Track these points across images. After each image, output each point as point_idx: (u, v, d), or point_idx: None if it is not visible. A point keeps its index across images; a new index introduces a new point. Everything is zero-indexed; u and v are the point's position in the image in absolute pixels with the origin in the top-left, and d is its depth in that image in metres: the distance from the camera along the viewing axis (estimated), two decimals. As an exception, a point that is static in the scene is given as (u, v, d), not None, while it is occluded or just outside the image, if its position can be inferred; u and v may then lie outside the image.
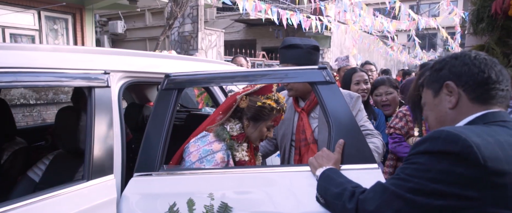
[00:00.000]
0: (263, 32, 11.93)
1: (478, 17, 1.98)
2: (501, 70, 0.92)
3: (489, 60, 0.94)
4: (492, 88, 0.90)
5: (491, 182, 0.74)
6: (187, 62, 2.03)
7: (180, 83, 1.42)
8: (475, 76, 0.91)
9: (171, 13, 6.45)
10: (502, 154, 0.76)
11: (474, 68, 0.92)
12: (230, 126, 1.52)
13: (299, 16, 6.92)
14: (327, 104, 1.31)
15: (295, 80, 1.40)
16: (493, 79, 0.90)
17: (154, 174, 1.35)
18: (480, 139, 0.78)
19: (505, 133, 0.82)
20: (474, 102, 0.91)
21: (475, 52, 0.97)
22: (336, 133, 1.27)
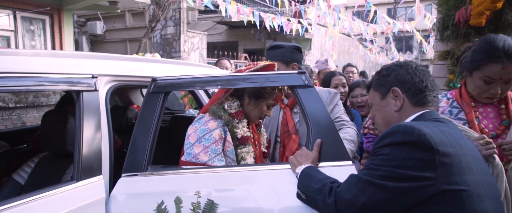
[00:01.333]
0: (245, 34, 12.03)
1: (444, 25, 2.14)
2: (433, 80, 1.13)
3: (426, 72, 1.14)
4: (428, 95, 1.10)
5: (442, 162, 0.89)
6: (172, 66, 2.08)
7: (166, 87, 1.48)
8: (416, 85, 1.10)
9: (153, 16, 6.44)
10: (446, 139, 0.93)
11: (416, 77, 1.11)
12: (228, 104, 1.57)
13: (281, 19, 7.05)
14: (306, 107, 1.41)
15: (276, 84, 1.49)
16: (429, 88, 1.11)
17: (141, 174, 1.40)
18: (429, 129, 0.94)
19: (442, 125, 1.00)
20: (414, 105, 1.10)
21: (415, 64, 1.16)
22: (314, 133, 1.37)
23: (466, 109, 1.42)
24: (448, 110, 1.48)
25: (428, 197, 0.89)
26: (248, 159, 1.50)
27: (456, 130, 1.03)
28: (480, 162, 1.00)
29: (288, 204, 1.28)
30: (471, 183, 0.91)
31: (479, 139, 1.28)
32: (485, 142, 1.27)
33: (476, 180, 0.93)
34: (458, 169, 0.91)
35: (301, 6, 6.71)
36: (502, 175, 1.25)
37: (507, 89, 1.35)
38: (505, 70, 1.27)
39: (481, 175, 0.96)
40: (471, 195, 0.90)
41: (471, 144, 1.03)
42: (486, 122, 1.40)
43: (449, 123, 1.07)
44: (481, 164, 0.99)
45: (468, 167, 0.93)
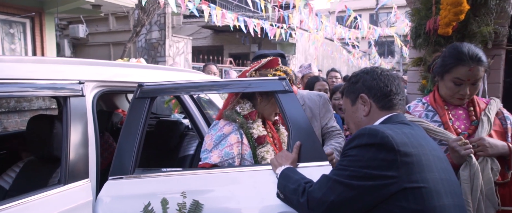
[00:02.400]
0: (230, 38, 12.10)
1: (416, 34, 2.27)
2: (398, 84, 1.19)
3: (391, 76, 1.20)
4: (393, 98, 1.17)
5: (403, 161, 0.96)
6: (157, 71, 2.13)
7: (152, 92, 1.54)
8: (381, 89, 1.17)
9: (138, 20, 6.42)
10: (408, 140, 1.01)
11: (381, 82, 1.18)
12: (240, 106, 1.56)
13: (265, 25, 7.17)
14: (286, 111, 1.49)
15: (258, 89, 1.56)
16: (394, 92, 1.17)
17: (128, 177, 1.45)
18: (392, 131, 1.02)
19: (405, 127, 1.08)
20: (381, 109, 1.17)
21: (381, 69, 1.23)
22: (294, 135, 1.45)
23: (440, 112, 1.54)
24: (424, 114, 1.58)
25: (391, 194, 0.95)
26: (269, 158, 1.48)
27: (419, 131, 1.11)
28: (441, 160, 1.07)
29: (270, 203, 1.36)
30: (431, 180, 0.98)
31: (457, 141, 1.40)
32: (463, 143, 1.39)
33: (436, 177, 0.99)
34: (418, 168, 0.98)
35: (285, 11, 6.84)
36: (479, 173, 1.36)
37: (474, 91, 1.48)
38: (472, 72, 1.42)
39: (441, 172, 1.02)
40: (430, 192, 0.96)
41: (433, 144, 1.11)
42: (458, 123, 1.52)
43: (413, 125, 1.13)
44: (442, 162, 1.06)
45: (427, 165, 1.00)
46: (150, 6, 6.19)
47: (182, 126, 2.88)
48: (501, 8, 2.06)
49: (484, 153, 1.40)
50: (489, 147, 1.39)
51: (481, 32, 2.06)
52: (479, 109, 1.53)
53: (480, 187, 1.36)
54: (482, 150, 1.40)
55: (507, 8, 2.07)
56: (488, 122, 1.47)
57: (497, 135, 1.48)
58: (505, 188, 1.41)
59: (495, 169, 1.40)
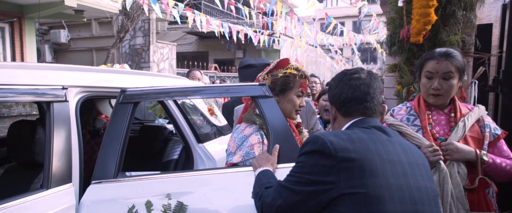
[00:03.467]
0: (215, 44, 12.15)
1: (391, 42, 2.39)
2: (362, 89, 1.15)
3: (355, 80, 1.17)
4: (352, 106, 1.16)
5: (343, 167, 0.98)
6: (141, 77, 2.16)
7: (135, 97, 1.57)
8: (340, 97, 1.18)
9: (122, 26, 6.38)
10: (351, 146, 1.01)
11: (339, 89, 1.19)
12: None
13: (249, 31, 7.26)
14: (266, 115, 1.55)
15: (240, 94, 1.62)
16: (352, 98, 1.16)
17: (111, 181, 1.47)
18: (335, 138, 1.03)
19: (361, 132, 1.08)
20: (343, 116, 1.19)
21: (350, 72, 1.21)
22: (274, 138, 1.51)
23: (421, 116, 1.61)
24: (406, 117, 1.66)
25: (332, 199, 0.98)
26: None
27: (373, 135, 1.07)
28: (401, 165, 1.03)
29: (244, 203, 1.41)
30: (372, 186, 0.96)
31: (428, 147, 1.47)
32: (433, 149, 1.46)
33: (380, 182, 0.97)
34: (359, 173, 0.97)
35: (268, 18, 6.96)
36: (448, 178, 1.43)
37: (447, 87, 1.54)
38: (439, 65, 1.52)
39: (395, 177, 1.00)
40: (369, 197, 0.95)
41: (391, 148, 1.06)
42: (438, 128, 1.59)
43: (372, 130, 1.10)
44: (401, 167, 1.03)
45: (371, 170, 0.98)
46: (134, 12, 6.18)
47: (166, 131, 2.91)
48: (467, 19, 2.20)
49: (450, 157, 1.47)
50: (455, 151, 1.46)
51: (450, 41, 2.19)
52: (460, 115, 1.58)
53: (450, 191, 1.42)
54: (448, 154, 1.47)
55: (473, 19, 2.22)
56: (463, 128, 1.52)
57: (474, 141, 1.53)
58: (473, 193, 1.47)
59: (462, 172, 1.46)
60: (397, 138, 1.13)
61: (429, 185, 1.07)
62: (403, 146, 1.10)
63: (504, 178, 1.51)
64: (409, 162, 1.06)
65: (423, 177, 1.06)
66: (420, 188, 1.03)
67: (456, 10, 2.16)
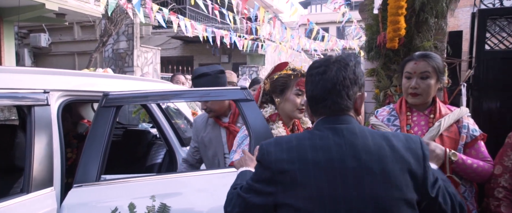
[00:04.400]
0: (201, 49, 12.14)
1: (369, 47, 2.49)
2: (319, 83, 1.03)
3: (321, 75, 1.03)
4: (315, 105, 1.06)
5: (279, 179, 0.97)
6: (124, 81, 2.17)
7: (118, 101, 1.59)
8: (307, 94, 1.09)
9: (105, 31, 6.31)
10: (287, 156, 0.97)
11: (307, 86, 1.09)
12: (264, 110, 1.66)
13: (233, 36, 7.33)
14: (248, 118, 1.60)
15: (221, 98, 1.67)
16: (315, 97, 1.05)
17: (93, 184, 1.48)
18: (275, 147, 1.00)
19: (313, 137, 1.00)
20: (313, 114, 1.10)
21: (309, 67, 1.09)
22: (255, 140, 1.56)
23: (401, 117, 1.69)
24: (387, 118, 1.73)
25: (275, 209, 0.99)
26: None
27: (319, 141, 0.99)
28: (336, 174, 0.95)
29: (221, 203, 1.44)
30: (301, 198, 0.95)
31: None
32: None
33: (310, 194, 0.94)
34: (291, 185, 0.96)
35: (253, 24, 7.05)
36: None
37: (425, 86, 1.59)
38: (417, 65, 1.60)
39: (326, 188, 0.94)
40: (298, 210, 0.94)
41: (336, 154, 0.97)
42: (416, 128, 1.65)
43: (323, 132, 1.01)
44: (337, 176, 0.95)
45: (303, 182, 0.94)
46: (117, 16, 6.13)
47: (149, 135, 2.91)
48: (439, 26, 2.32)
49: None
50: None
51: (423, 47, 2.30)
52: (439, 116, 1.62)
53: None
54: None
55: (444, 26, 2.34)
56: (437, 128, 1.57)
57: (450, 141, 1.57)
58: None
59: None
60: (355, 140, 0.98)
61: (382, 194, 0.94)
62: (357, 150, 0.97)
63: (476, 179, 1.56)
64: (357, 169, 0.95)
65: (373, 186, 0.94)
66: (364, 199, 0.93)
67: (429, 17, 2.28)
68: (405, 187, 0.96)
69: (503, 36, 2.40)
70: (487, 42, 2.40)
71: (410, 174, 0.97)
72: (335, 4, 6.57)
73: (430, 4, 2.27)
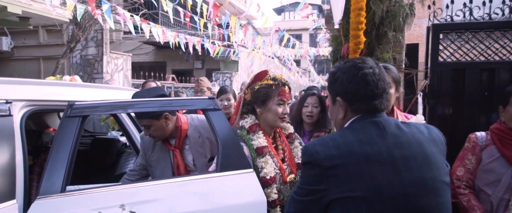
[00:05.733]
0: (173, 54, 12.03)
1: (334, 57, 2.63)
2: (377, 84, 1.10)
3: (370, 76, 1.10)
4: (366, 102, 1.11)
5: (330, 174, 1.03)
6: (90, 90, 2.15)
7: (83, 111, 1.58)
8: (356, 94, 1.11)
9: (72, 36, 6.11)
10: (336, 152, 1.03)
11: (356, 86, 1.10)
12: (244, 121, 1.65)
13: (206, 43, 7.34)
14: (215, 126, 1.65)
15: (189, 108, 1.70)
16: (368, 95, 1.10)
17: (58, 196, 1.46)
18: (321, 146, 1.06)
19: (351, 133, 1.08)
20: (353, 112, 1.14)
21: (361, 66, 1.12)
22: (222, 147, 1.61)
23: None
24: None
25: (326, 205, 1.05)
26: (267, 168, 1.56)
27: (363, 135, 1.06)
28: (386, 163, 1.03)
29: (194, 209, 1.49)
30: (358, 189, 1.00)
31: None
32: None
33: (366, 184, 1.00)
34: (345, 178, 1.01)
35: (225, 30, 7.11)
36: None
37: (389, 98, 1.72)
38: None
39: (380, 177, 1.01)
40: (356, 200, 1.00)
41: (381, 145, 1.05)
42: None
43: (367, 128, 1.09)
44: (388, 164, 1.02)
45: (357, 174, 1.01)
46: (86, 21, 5.97)
47: (119, 143, 2.88)
48: (397, 39, 2.49)
49: None
50: None
51: (383, 58, 2.46)
52: None
53: None
54: None
55: (401, 39, 2.51)
56: None
57: None
58: None
59: None
60: (394, 130, 1.08)
61: (430, 175, 1.05)
62: (399, 139, 1.07)
63: None
64: (403, 156, 1.04)
65: (420, 169, 1.04)
66: (415, 182, 1.03)
67: (388, 31, 2.44)
68: (441, 167, 1.10)
69: (454, 49, 2.60)
70: (441, 54, 2.60)
71: (441, 154, 1.12)
72: (306, 11, 6.77)
73: (388, 18, 2.44)
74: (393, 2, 2.44)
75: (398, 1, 2.47)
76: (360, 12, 2.11)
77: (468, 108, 2.54)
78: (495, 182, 1.64)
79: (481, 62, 2.55)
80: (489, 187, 1.66)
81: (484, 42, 2.55)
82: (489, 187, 1.66)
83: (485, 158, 1.70)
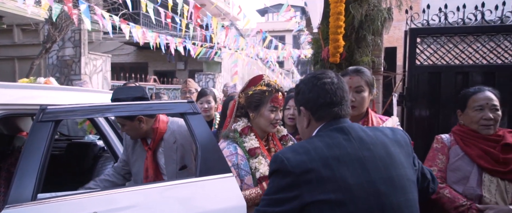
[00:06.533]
0: (155, 55, 11.83)
1: (315, 60, 2.65)
2: (336, 92, 1.18)
3: (329, 84, 1.18)
4: (327, 109, 1.17)
5: (303, 180, 1.04)
6: (65, 93, 2.09)
7: (56, 116, 1.52)
8: (316, 102, 1.18)
9: (48, 36, 5.89)
10: (307, 157, 1.06)
11: (315, 94, 1.18)
12: (237, 124, 1.67)
13: (188, 44, 7.25)
14: (194, 130, 1.63)
15: (167, 112, 1.67)
16: (329, 102, 1.16)
17: (28, 204, 1.40)
18: (292, 153, 1.08)
19: (318, 139, 1.12)
20: (317, 120, 1.19)
21: (321, 76, 1.20)
22: (202, 151, 1.59)
23: None
24: None
25: (300, 210, 1.04)
26: (262, 168, 1.57)
27: (330, 139, 1.11)
28: (355, 164, 1.06)
29: None
30: (331, 191, 1.02)
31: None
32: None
33: (338, 186, 1.03)
34: (318, 182, 1.03)
35: (206, 31, 7.05)
36: None
37: (360, 99, 1.73)
38: (352, 80, 1.72)
39: (350, 178, 1.04)
40: (329, 202, 1.02)
41: (349, 149, 1.09)
42: None
43: (333, 133, 1.13)
44: (356, 166, 1.06)
45: (329, 177, 1.03)
46: (62, 21, 5.77)
47: (96, 147, 2.80)
48: (376, 43, 2.53)
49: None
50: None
51: (363, 61, 2.50)
52: (372, 125, 1.76)
53: None
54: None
55: (380, 43, 2.56)
56: None
57: None
58: None
59: None
60: (359, 133, 1.14)
61: (397, 173, 1.10)
62: (364, 141, 1.12)
63: None
64: (370, 157, 1.09)
65: (387, 168, 1.09)
66: (384, 180, 1.07)
67: (367, 34, 2.48)
68: (407, 166, 1.16)
69: (430, 52, 2.67)
70: (418, 57, 2.66)
71: (407, 154, 1.19)
72: (289, 13, 6.81)
73: (367, 22, 2.48)
74: (372, 6, 2.49)
75: (377, 5, 2.51)
76: (339, 16, 2.14)
77: (443, 110, 2.61)
78: (463, 180, 1.71)
79: (456, 65, 2.63)
80: (458, 185, 1.72)
81: (458, 46, 2.63)
82: (458, 184, 1.73)
83: (452, 157, 1.78)
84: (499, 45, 2.55)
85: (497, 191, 1.65)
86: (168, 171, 1.86)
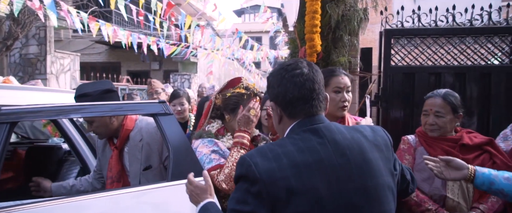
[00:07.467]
0: (129, 55, 11.47)
1: (292, 59, 2.61)
2: (307, 86, 1.03)
3: (298, 77, 1.03)
4: (297, 106, 1.04)
5: (270, 190, 0.94)
6: (26, 92, 1.93)
7: (12, 117, 1.39)
8: (285, 97, 1.04)
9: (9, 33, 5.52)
10: (276, 165, 0.95)
11: (284, 88, 1.04)
12: (210, 125, 1.63)
13: (162, 43, 7.06)
14: (166, 132, 1.54)
15: (136, 112, 1.57)
16: (298, 98, 1.03)
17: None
18: (261, 158, 0.96)
19: (291, 142, 1.00)
20: (289, 117, 1.07)
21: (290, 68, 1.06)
22: (174, 154, 1.50)
23: None
24: None
25: None
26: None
27: (304, 143, 1.00)
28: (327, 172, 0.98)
29: None
30: (299, 204, 0.94)
31: None
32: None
33: (308, 197, 0.94)
34: (286, 192, 0.94)
35: (182, 31, 6.87)
36: None
37: (350, 99, 1.75)
38: (343, 79, 1.73)
39: (321, 189, 0.95)
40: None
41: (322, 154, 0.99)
42: None
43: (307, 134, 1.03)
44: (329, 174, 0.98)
45: (299, 188, 0.94)
46: (25, 17, 5.41)
47: (60, 151, 2.63)
48: (352, 43, 2.53)
49: None
50: None
51: (339, 61, 2.49)
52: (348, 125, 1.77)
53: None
54: None
55: (356, 43, 2.57)
56: None
57: None
58: None
59: None
60: (335, 136, 1.03)
61: (373, 182, 1.01)
62: (340, 146, 1.01)
63: None
64: (345, 164, 0.99)
65: (363, 177, 1.00)
66: (358, 191, 0.99)
67: (343, 34, 2.48)
68: (385, 173, 1.05)
69: (405, 53, 2.71)
70: (392, 58, 2.69)
71: (386, 159, 1.08)
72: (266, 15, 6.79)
73: (344, 22, 2.47)
74: (348, 6, 2.49)
75: (353, 5, 2.51)
76: (314, 15, 2.11)
77: (417, 110, 2.65)
78: (428, 180, 1.75)
79: (429, 66, 2.68)
80: (424, 184, 1.76)
81: (431, 48, 2.68)
82: (424, 184, 1.76)
83: (417, 158, 1.82)
84: (469, 47, 2.62)
85: (460, 192, 1.70)
86: (131, 170, 1.74)
